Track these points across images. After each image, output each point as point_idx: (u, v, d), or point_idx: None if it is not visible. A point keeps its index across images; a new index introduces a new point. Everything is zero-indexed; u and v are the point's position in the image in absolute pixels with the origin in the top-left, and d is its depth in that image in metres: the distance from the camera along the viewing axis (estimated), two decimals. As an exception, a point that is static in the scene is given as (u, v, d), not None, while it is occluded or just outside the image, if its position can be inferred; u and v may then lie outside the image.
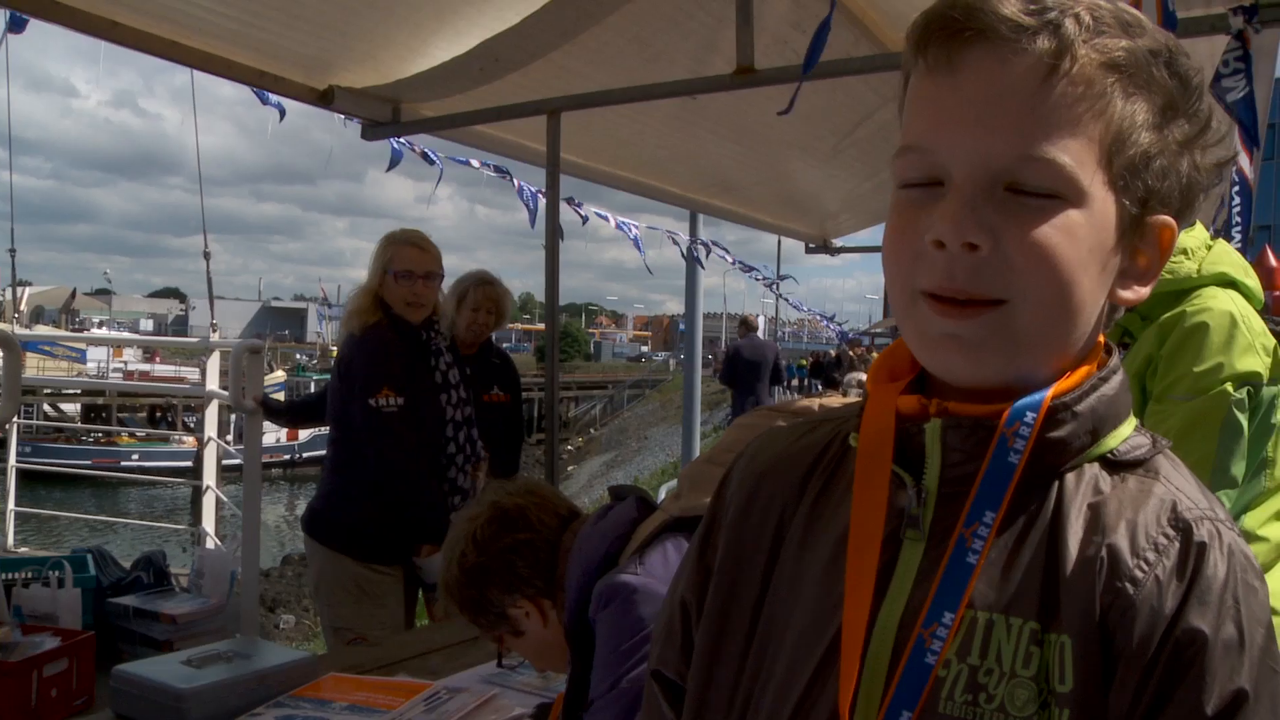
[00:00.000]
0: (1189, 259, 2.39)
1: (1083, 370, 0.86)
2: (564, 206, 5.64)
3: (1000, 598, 0.80)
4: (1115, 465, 0.85)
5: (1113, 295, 0.85)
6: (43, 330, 28.12)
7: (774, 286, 16.92)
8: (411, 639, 2.92)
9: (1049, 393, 0.83)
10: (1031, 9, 0.78)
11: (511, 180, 5.80)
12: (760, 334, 12.72)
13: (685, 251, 9.20)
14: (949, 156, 0.80)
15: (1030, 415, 0.81)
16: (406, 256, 3.61)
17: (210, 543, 5.37)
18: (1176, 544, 0.80)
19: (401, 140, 4.84)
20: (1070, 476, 0.84)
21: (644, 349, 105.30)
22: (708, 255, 9.48)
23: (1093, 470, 0.84)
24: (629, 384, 48.66)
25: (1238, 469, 2.22)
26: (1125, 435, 0.86)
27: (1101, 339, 0.89)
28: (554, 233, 3.80)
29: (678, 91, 3.55)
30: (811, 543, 0.91)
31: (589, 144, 4.80)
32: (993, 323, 0.79)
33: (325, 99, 4.00)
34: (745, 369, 11.45)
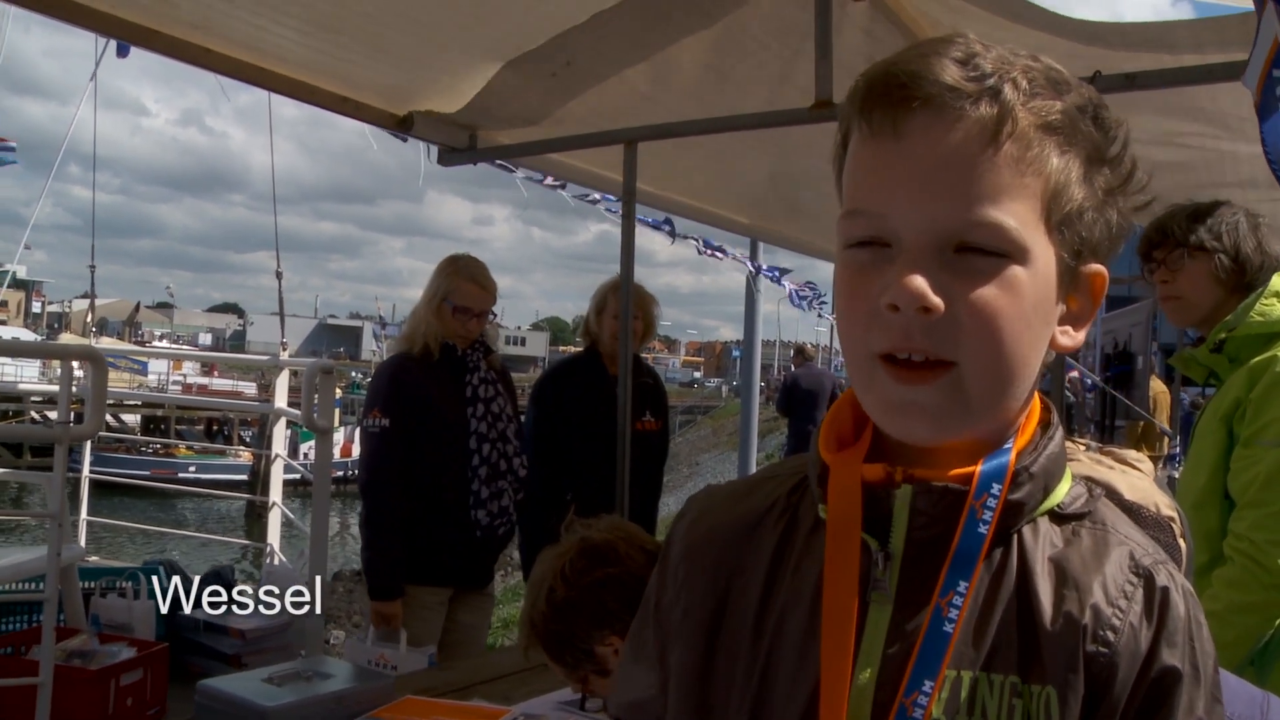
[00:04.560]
0: None
1: (1032, 428, 0.89)
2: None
3: (980, 656, 0.83)
4: (1062, 518, 0.89)
5: (1052, 343, 0.88)
6: (108, 343, 28.72)
7: (823, 314, 16.76)
8: (485, 663, 2.93)
9: (1011, 456, 0.86)
10: (972, 75, 0.80)
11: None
12: (816, 363, 12.67)
13: (746, 277, 9.20)
14: (900, 221, 0.81)
15: (996, 487, 0.85)
16: (467, 293, 3.69)
17: (277, 559, 5.44)
18: (1141, 590, 0.85)
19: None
20: (1026, 530, 0.87)
21: (696, 375, 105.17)
22: (759, 277, 9.44)
23: (1045, 524, 0.88)
24: (681, 409, 48.35)
25: None
26: (1067, 489, 0.90)
27: (1036, 394, 0.91)
28: (630, 263, 3.81)
29: (755, 124, 3.55)
30: (775, 609, 0.91)
31: (660, 173, 4.82)
32: (947, 387, 0.81)
33: (405, 125, 4.07)
34: (803, 398, 11.39)
